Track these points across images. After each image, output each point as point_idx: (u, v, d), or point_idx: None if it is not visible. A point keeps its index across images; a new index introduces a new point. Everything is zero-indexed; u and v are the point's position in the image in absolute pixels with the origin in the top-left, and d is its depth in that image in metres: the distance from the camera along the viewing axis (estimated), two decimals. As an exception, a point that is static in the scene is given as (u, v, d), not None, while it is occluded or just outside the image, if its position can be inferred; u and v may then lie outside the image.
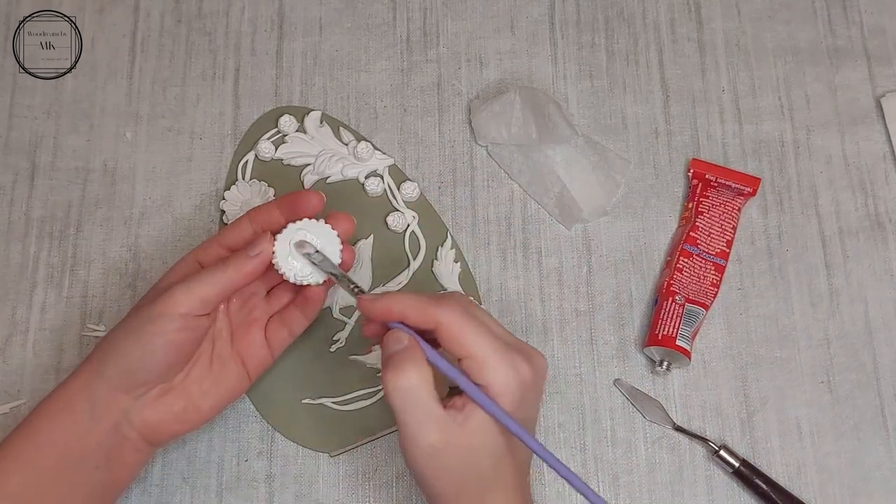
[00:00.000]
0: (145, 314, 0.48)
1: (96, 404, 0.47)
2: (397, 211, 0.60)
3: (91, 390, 0.48)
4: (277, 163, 0.61)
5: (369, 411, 0.56)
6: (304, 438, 0.56)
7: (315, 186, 0.60)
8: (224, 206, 0.60)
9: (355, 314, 0.58)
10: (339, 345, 0.57)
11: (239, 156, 0.61)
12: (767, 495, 0.54)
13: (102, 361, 0.48)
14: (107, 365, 0.48)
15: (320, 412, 0.56)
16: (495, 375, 0.44)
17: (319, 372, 0.57)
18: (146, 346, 0.47)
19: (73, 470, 0.47)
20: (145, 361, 0.48)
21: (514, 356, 0.45)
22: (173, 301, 0.47)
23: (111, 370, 0.48)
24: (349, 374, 0.57)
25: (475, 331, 0.44)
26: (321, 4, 0.65)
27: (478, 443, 0.44)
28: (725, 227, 0.59)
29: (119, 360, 0.48)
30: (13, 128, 0.62)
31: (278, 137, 0.62)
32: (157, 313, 0.47)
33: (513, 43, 0.65)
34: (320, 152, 0.61)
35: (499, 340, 0.45)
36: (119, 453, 0.48)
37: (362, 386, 0.56)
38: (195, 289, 0.48)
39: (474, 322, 0.45)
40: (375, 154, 0.61)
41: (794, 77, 0.64)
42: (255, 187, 0.60)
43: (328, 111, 0.63)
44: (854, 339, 0.58)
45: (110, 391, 0.47)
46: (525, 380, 0.44)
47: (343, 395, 0.56)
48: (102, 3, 0.65)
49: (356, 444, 0.56)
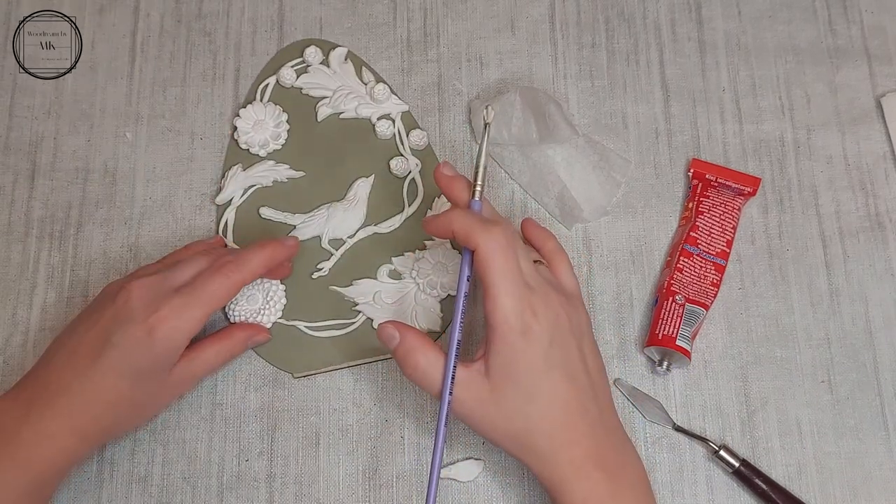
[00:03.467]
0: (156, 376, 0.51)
1: (40, 444, 0.48)
2: (402, 156, 0.61)
3: (37, 425, 0.48)
4: (296, 91, 0.63)
5: (340, 341, 0.58)
6: (271, 356, 0.57)
7: (328, 120, 0.62)
8: (237, 123, 0.61)
9: (343, 247, 0.59)
10: (321, 273, 0.59)
11: (261, 79, 0.63)
12: (767, 495, 0.54)
13: (73, 407, 0.49)
14: (81, 418, 0.49)
15: (291, 333, 0.58)
16: (499, 311, 0.46)
17: (298, 296, 0.58)
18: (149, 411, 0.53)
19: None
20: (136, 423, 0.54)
21: (531, 299, 0.47)
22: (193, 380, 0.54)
23: (88, 425, 0.50)
24: (326, 303, 0.58)
25: (502, 266, 0.46)
26: (321, 4, 0.65)
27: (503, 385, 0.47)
28: (726, 226, 0.59)
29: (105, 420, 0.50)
30: (13, 128, 0.63)
31: (301, 67, 0.63)
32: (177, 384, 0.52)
33: (513, 43, 0.65)
34: (339, 87, 0.62)
35: (519, 280, 0.47)
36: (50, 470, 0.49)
37: (337, 316, 0.58)
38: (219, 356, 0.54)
39: (505, 257, 0.46)
40: (392, 98, 0.62)
41: (795, 77, 0.64)
42: (271, 110, 0.62)
43: (328, 111, 0.63)
44: (854, 338, 0.58)
45: (64, 434, 0.49)
46: (529, 322, 0.46)
47: (317, 322, 0.58)
48: (102, 4, 0.65)
49: (321, 370, 0.57)
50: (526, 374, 0.46)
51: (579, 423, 0.47)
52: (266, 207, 0.60)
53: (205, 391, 0.57)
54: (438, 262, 0.58)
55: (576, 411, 0.47)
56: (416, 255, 0.59)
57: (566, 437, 0.47)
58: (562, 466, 0.47)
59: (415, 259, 0.59)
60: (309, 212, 0.60)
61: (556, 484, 0.47)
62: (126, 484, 0.55)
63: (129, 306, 0.49)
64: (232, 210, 0.60)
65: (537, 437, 0.47)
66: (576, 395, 0.47)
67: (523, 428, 0.47)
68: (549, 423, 0.47)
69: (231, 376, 0.57)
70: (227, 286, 0.51)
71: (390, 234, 0.60)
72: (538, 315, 0.47)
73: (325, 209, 0.60)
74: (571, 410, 0.47)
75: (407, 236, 0.60)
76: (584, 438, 0.47)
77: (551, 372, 0.47)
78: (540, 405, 0.47)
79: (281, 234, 0.60)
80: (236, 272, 0.51)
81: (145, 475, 0.55)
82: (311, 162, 0.61)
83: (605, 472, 0.47)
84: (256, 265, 0.52)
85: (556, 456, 0.47)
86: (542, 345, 0.47)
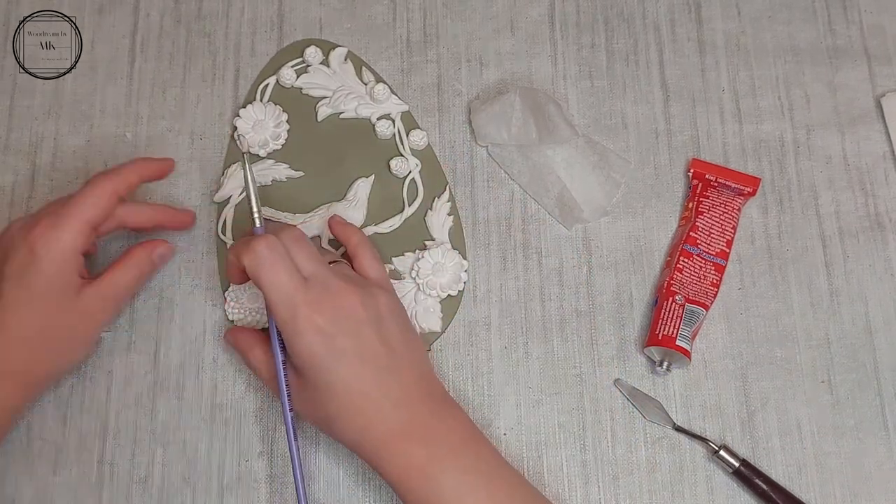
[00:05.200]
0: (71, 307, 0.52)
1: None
2: (402, 156, 0.61)
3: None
4: (296, 91, 0.63)
5: None
6: None
7: (328, 120, 0.62)
8: (237, 123, 0.61)
9: (342, 248, 0.59)
10: None
11: (261, 78, 0.63)
12: (767, 495, 0.54)
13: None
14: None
15: None
16: (275, 315, 0.48)
17: None
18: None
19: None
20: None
21: (307, 296, 0.48)
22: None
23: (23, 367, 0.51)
24: None
25: (265, 274, 0.48)
26: (321, 5, 0.65)
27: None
28: (725, 227, 0.59)
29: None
30: (13, 128, 0.62)
31: (301, 67, 0.63)
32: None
33: (513, 43, 0.65)
34: (339, 87, 0.62)
35: (288, 283, 0.48)
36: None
37: None
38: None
39: (266, 266, 0.48)
40: (392, 98, 0.62)
41: (794, 77, 0.64)
42: (271, 110, 0.62)
43: (328, 111, 0.63)
44: (854, 338, 0.58)
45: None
46: (309, 319, 0.48)
47: None
48: (102, 4, 0.65)
49: None
50: (318, 367, 0.48)
51: (381, 402, 0.48)
52: (265, 207, 0.60)
53: (205, 392, 0.57)
54: (438, 262, 0.58)
55: (374, 392, 0.48)
56: (416, 255, 0.59)
57: (366, 419, 0.48)
58: (367, 447, 0.48)
59: (415, 259, 0.59)
60: (309, 212, 0.60)
61: (372, 464, 0.49)
62: (126, 485, 0.55)
63: (10, 237, 0.51)
64: (231, 208, 0.60)
65: (340, 424, 0.49)
66: (373, 377, 0.49)
67: (327, 417, 0.49)
68: (347, 410, 0.48)
69: (231, 377, 0.57)
70: (98, 193, 0.52)
71: (390, 234, 0.60)
72: (320, 309, 0.48)
73: (324, 209, 0.60)
74: (369, 393, 0.48)
75: (407, 236, 0.60)
76: (387, 416, 0.48)
77: (342, 359, 0.48)
78: (335, 394, 0.48)
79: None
80: (105, 180, 0.53)
81: (145, 476, 0.55)
82: (311, 162, 0.61)
83: (419, 441, 0.48)
84: (127, 172, 0.54)
85: (358, 439, 0.49)
86: (327, 336, 0.48)
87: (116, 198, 0.53)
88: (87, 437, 0.56)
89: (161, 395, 0.57)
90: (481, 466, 0.49)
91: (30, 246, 0.50)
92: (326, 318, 0.48)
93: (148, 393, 0.57)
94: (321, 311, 0.48)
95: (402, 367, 0.50)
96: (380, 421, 0.48)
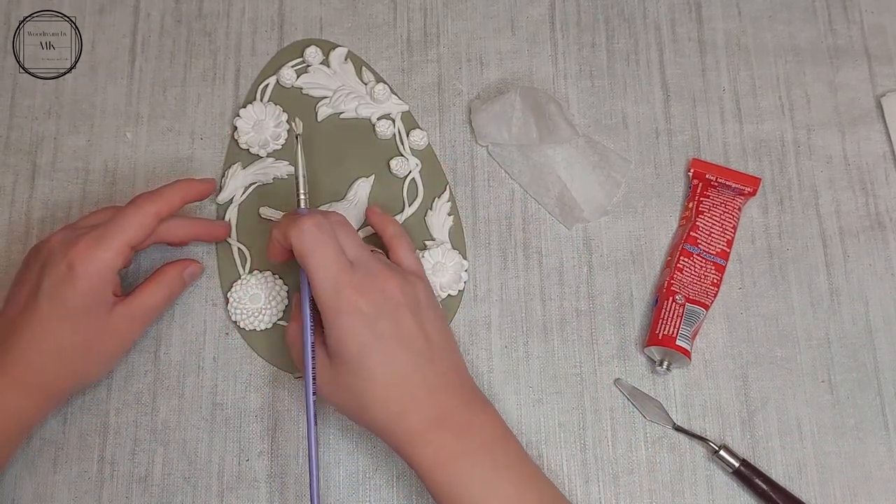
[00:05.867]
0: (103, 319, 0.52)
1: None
2: (402, 156, 0.61)
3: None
4: (297, 91, 0.63)
5: None
6: (273, 358, 0.58)
7: (328, 120, 0.62)
8: (237, 123, 0.61)
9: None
10: None
11: (261, 79, 0.63)
12: (767, 495, 0.54)
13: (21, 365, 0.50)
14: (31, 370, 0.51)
15: None
16: (319, 294, 0.48)
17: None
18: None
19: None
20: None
21: (353, 278, 0.48)
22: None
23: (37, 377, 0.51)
24: None
25: (313, 251, 0.48)
26: (321, 4, 0.65)
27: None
28: (726, 226, 0.59)
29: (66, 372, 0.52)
30: (13, 128, 0.63)
31: (301, 67, 0.63)
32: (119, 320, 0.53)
33: (513, 43, 0.65)
34: (339, 87, 0.62)
35: (336, 262, 0.48)
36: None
37: None
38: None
39: (315, 243, 0.48)
40: (392, 98, 0.62)
41: (795, 77, 0.64)
42: (271, 110, 0.62)
43: (328, 111, 0.63)
44: (854, 338, 0.58)
45: (9, 390, 0.50)
46: (352, 300, 0.48)
47: None
48: (102, 4, 0.65)
49: None
50: (356, 351, 0.48)
51: (417, 390, 0.48)
52: (266, 207, 0.60)
53: (205, 391, 0.57)
54: (438, 261, 0.58)
55: (411, 379, 0.48)
56: (416, 255, 0.59)
57: (401, 406, 0.48)
58: (399, 435, 0.48)
59: (415, 259, 0.59)
60: (309, 212, 0.60)
61: (401, 451, 0.48)
62: (126, 484, 0.55)
63: (50, 249, 0.51)
64: (234, 208, 0.60)
65: (373, 410, 0.48)
66: (411, 363, 0.49)
67: (359, 403, 0.49)
68: (382, 395, 0.48)
69: (231, 377, 0.57)
70: (141, 215, 0.52)
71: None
72: (364, 292, 0.48)
73: (325, 209, 0.60)
74: (406, 378, 0.48)
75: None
76: (423, 404, 0.48)
77: (381, 343, 0.48)
78: (370, 379, 0.48)
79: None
80: (148, 202, 0.53)
81: (146, 475, 0.55)
82: (311, 162, 0.61)
83: (451, 431, 0.48)
84: (169, 195, 0.54)
85: (392, 426, 0.48)
86: (369, 319, 0.48)
87: (158, 220, 0.53)
88: (88, 435, 0.56)
89: (161, 394, 0.57)
90: (511, 463, 0.49)
91: (70, 262, 0.50)
92: (369, 302, 0.48)
93: (148, 392, 0.57)
94: (364, 293, 0.48)
95: (438, 355, 0.50)
96: (415, 409, 0.48)
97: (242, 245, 0.60)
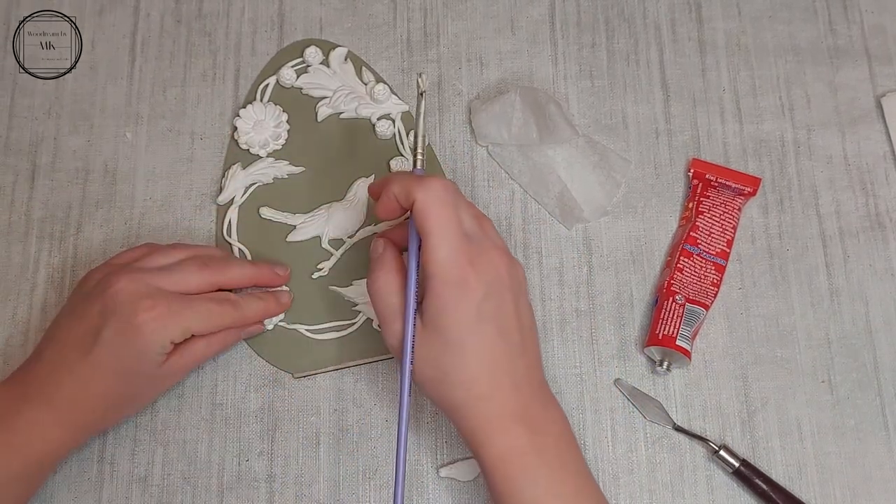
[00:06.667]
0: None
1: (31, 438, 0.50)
2: (402, 156, 0.61)
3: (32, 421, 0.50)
4: (296, 91, 0.63)
5: (340, 342, 0.58)
6: (272, 357, 0.58)
7: (328, 121, 0.62)
8: (237, 123, 0.61)
9: (343, 247, 0.59)
10: (321, 273, 0.59)
11: (261, 78, 0.63)
12: (767, 495, 0.54)
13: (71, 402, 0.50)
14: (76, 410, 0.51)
15: (293, 336, 0.58)
16: (434, 260, 0.46)
17: (298, 296, 0.58)
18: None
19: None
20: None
21: (469, 250, 0.47)
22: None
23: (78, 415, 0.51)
24: (327, 304, 0.58)
25: (438, 215, 0.46)
26: (321, 4, 0.65)
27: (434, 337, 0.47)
28: (726, 226, 0.59)
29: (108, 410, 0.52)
30: (13, 128, 0.63)
31: (301, 67, 0.63)
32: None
33: (513, 43, 0.65)
34: (339, 87, 0.63)
35: (457, 231, 0.47)
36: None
37: (338, 317, 0.58)
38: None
39: (442, 207, 0.47)
40: (392, 98, 0.62)
41: (795, 76, 0.64)
42: (271, 110, 0.62)
43: (328, 111, 0.63)
44: (855, 338, 0.58)
45: (57, 425, 0.50)
46: (465, 273, 0.46)
47: (317, 325, 0.58)
48: (102, 4, 0.65)
49: (321, 370, 0.57)
50: (455, 325, 0.47)
51: (503, 378, 0.47)
52: (266, 208, 0.60)
53: (205, 391, 0.57)
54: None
55: (502, 366, 0.47)
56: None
57: (484, 391, 0.47)
58: (476, 419, 0.47)
59: (415, 259, 0.59)
60: (309, 212, 0.60)
61: (473, 437, 0.47)
62: (126, 484, 0.55)
63: (116, 300, 0.50)
64: (234, 209, 0.60)
65: (454, 387, 0.47)
66: (504, 350, 0.48)
67: (441, 377, 0.47)
68: (469, 376, 0.47)
69: (231, 377, 0.57)
70: (218, 315, 0.53)
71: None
72: (476, 267, 0.47)
73: (324, 209, 0.60)
74: (497, 365, 0.47)
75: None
76: (506, 394, 0.47)
77: (483, 324, 0.47)
78: (463, 356, 0.47)
79: (281, 233, 0.60)
80: (233, 311, 0.53)
81: (145, 475, 0.55)
82: (311, 162, 0.61)
83: (527, 426, 0.47)
84: (252, 317, 0.55)
85: (469, 409, 0.47)
86: (477, 296, 0.47)
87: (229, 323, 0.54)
88: (88, 436, 0.56)
89: (161, 395, 0.57)
90: (572, 465, 0.48)
91: (137, 326, 0.49)
92: (479, 278, 0.47)
93: (148, 392, 0.57)
94: (477, 269, 0.47)
95: (527, 348, 0.49)
96: (497, 396, 0.47)
97: (243, 245, 0.59)
